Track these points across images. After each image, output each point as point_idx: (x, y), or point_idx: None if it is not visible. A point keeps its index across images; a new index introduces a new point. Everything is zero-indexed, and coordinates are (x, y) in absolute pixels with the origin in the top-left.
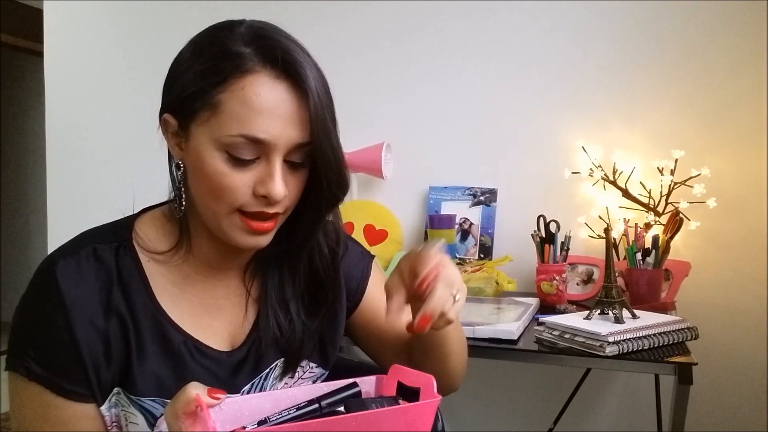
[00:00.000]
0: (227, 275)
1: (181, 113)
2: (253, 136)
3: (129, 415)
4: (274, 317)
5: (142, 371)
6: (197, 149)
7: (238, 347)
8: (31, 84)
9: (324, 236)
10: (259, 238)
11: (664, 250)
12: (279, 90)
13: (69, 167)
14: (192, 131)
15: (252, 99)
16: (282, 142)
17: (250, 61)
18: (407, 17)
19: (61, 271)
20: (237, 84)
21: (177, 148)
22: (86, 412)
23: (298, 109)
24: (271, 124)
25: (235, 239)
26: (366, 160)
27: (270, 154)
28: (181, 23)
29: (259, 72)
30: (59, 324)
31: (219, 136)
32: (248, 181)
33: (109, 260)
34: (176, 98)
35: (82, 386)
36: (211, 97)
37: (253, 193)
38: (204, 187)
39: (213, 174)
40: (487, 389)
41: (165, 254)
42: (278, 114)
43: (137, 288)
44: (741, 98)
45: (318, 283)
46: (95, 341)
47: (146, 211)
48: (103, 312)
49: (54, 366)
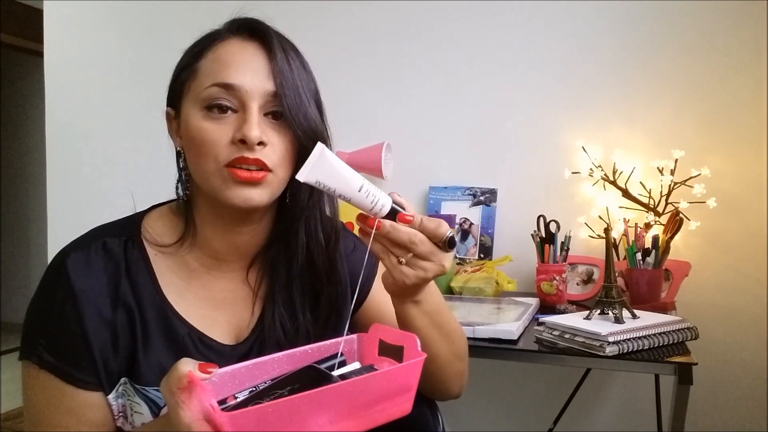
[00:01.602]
0: (232, 268)
1: (175, 97)
2: (224, 81)
3: (134, 405)
4: (279, 316)
5: (147, 361)
6: (186, 120)
7: (241, 342)
8: (31, 84)
9: (320, 219)
10: (252, 191)
11: (664, 250)
12: (248, 48)
13: (69, 167)
14: (182, 108)
15: (222, 55)
16: (254, 90)
17: (222, 32)
18: (408, 18)
19: (71, 264)
20: (211, 49)
21: (176, 136)
22: (95, 401)
23: (268, 63)
24: (241, 73)
25: (229, 196)
26: (366, 160)
27: (245, 102)
28: (181, 23)
29: (230, 38)
30: (69, 314)
31: (197, 93)
32: (227, 132)
33: (118, 253)
34: (171, 85)
35: (91, 375)
36: (191, 66)
37: (231, 141)
38: (193, 150)
39: (196, 132)
40: (487, 389)
41: (171, 246)
42: (247, 66)
43: (144, 280)
44: (741, 98)
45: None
46: (103, 331)
47: (155, 208)
48: (111, 303)
49: (64, 355)
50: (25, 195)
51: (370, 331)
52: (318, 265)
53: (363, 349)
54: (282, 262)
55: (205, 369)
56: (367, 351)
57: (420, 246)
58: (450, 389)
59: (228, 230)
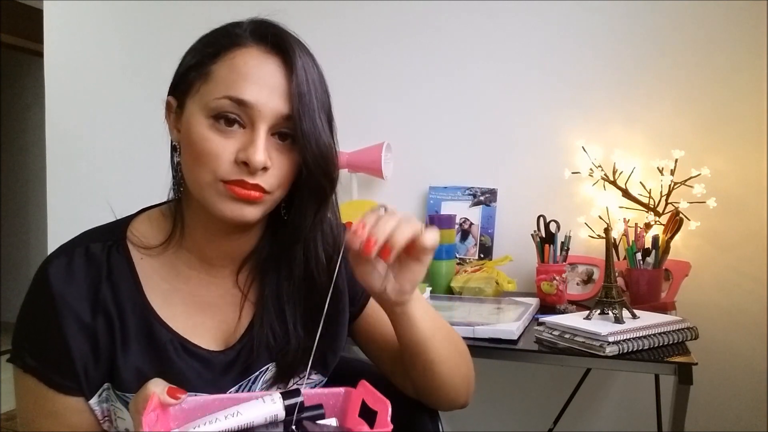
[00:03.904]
0: (222, 273)
1: (179, 90)
2: (237, 97)
3: (117, 410)
4: (269, 322)
5: (126, 367)
6: (188, 120)
7: (229, 347)
8: (31, 84)
9: (321, 239)
10: (246, 208)
11: (664, 250)
12: (268, 63)
13: (69, 167)
14: (186, 105)
15: (240, 66)
16: (267, 111)
17: (244, 38)
18: (407, 17)
19: (53, 270)
20: (228, 54)
21: (175, 130)
22: (77, 406)
23: (286, 83)
24: (257, 89)
25: (221, 209)
26: (366, 160)
27: (255, 122)
28: (181, 23)
29: (251, 46)
30: (49, 320)
31: (207, 101)
32: (231, 148)
33: (100, 258)
34: (177, 76)
35: (72, 380)
36: (204, 67)
37: (234, 160)
38: (190, 156)
39: (197, 139)
40: (487, 389)
41: (157, 248)
42: (264, 83)
43: (127, 285)
44: (741, 98)
45: (314, 290)
46: (83, 337)
47: (144, 211)
48: (90, 309)
49: (46, 360)
50: (25, 195)
51: (357, 388)
52: (317, 283)
53: (347, 405)
54: (275, 270)
55: (174, 394)
56: (351, 409)
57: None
58: (458, 395)
59: (218, 235)
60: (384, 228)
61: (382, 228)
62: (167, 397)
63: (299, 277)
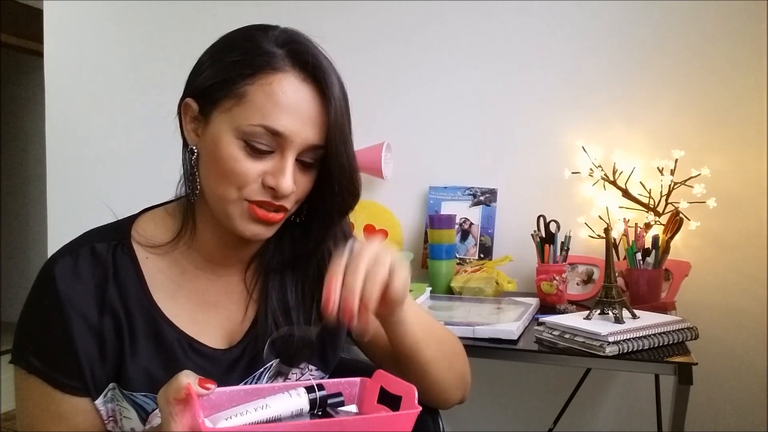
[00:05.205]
0: (228, 272)
1: (204, 99)
2: (273, 128)
3: (123, 410)
4: (273, 319)
5: (134, 367)
6: (215, 135)
7: (234, 345)
8: (31, 84)
9: (334, 246)
10: (263, 228)
11: (664, 250)
12: (304, 91)
13: (69, 167)
14: (212, 118)
15: (278, 94)
16: (298, 140)
17: (281, 61)
18: (408, 17)
19: (58, 270)
20: (266, 79)
21: (193, 134)
22: (82, 406)
23: (319, 113)
24: (291, 120)
25: (240, 227)
26: (366, 160)
27: (285, 149)
28: (181, 23)
29: (288, 72)
30: (55, 320)
31: (240, 124)
32: (259, 170)
33: (106, 258)
34: (202, 84)
35: (77, 381)
36: (238, 87)
37: (262, 183)
38: (216, 171)
39: (227, 158)
40: (487, 389)
41: (163, 247)
42: (299, 113)
43: (133, 285)
44: (741, 98)
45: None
46: (89, 337)
47: (147, 211)
48: (97, 309)
49: (51, 360)
50: (25, 195)
51: (373, 377)
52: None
53: (363, 394)
54: (282, 270)
55: (204, 384)
56: (368, 397)
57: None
58: (453, 393)
59: (229, 243)
60: (353, 287)
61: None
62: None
63: (307, 277)
